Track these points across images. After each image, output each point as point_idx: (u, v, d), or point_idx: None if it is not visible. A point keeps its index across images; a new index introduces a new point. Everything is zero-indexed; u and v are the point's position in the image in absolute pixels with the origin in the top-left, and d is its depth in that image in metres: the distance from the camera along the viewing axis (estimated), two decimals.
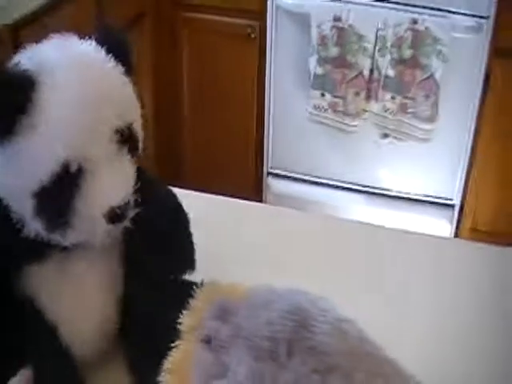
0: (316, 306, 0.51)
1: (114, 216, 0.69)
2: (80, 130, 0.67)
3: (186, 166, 2.59)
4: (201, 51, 2.45)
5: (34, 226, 0.69)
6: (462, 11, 2.17)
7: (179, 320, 0.54)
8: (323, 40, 2.25)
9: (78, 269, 0.76)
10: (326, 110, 2.31)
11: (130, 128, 0.73)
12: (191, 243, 0.84)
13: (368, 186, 2.45)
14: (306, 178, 2.50)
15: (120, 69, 0.74)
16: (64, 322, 0.76)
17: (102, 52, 0.73)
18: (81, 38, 0.75)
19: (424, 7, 2.19)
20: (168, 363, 0.52)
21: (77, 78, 0.68)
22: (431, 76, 2.20)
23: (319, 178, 2.49)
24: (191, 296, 0.59)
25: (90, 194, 0.68)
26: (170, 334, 0.59)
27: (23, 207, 0.68)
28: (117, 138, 0.70)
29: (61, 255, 0.74)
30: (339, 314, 0.53)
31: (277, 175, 2.52)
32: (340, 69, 2.26)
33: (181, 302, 0.64)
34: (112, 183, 0.69)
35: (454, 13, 2.18)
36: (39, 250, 0.73)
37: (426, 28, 2.17)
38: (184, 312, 0.53)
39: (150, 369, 0.59)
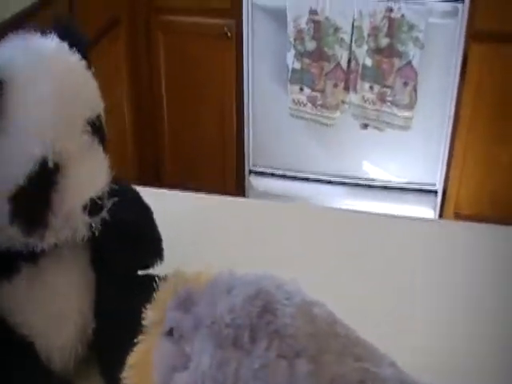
0: (282, 289, 0.50)
1: (95, 207, 0.67)
2: (53, 125, 0.65)
3: (165, 168, 2.57)
4: (177, 53, 2.44)
5: (10, 233, 0.66)
6: None
7: (143, 315, 0.52)
8: (300, 34, 2.24)
9: (50, 277, 0.74)
10: (305, 105, 2.30)
11: (99, 118, 0.72)
12: (157, 233, 0.82)
13: (351, 178, 2.45)
14: (289, 173, 2.49)
15: (83, 62, 0.73)
16: (41, 335, 0.73)
17: (65, 46, 0.72)
18: (41, 35, 0.73)
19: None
20: (130, 358, 0.50)
21: (44, 74, 0.67)
22: (409, 63, 2.19)
23: (302, 172, 2.48)
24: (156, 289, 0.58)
25: (69, 188, 0.66)
26: (135, 330, 0.58)
27: None
28: (89, 130, 0.69)
29: (30, 266, 0.72)
30: (307, 297, 0.51)
31: (259, 173, 2.50)
32: (318, 62, 2.25)
33: (148, 297, 0.62)
34: (90, 174, 0.67)
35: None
36: (8, 264, 0.70)
37: (402, 15, 2.16)
38: (148, 306, 0.51)
39: (117, 367, 0.58)
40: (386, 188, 2.43)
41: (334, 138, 2.39)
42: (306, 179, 2.48)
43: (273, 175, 2.49)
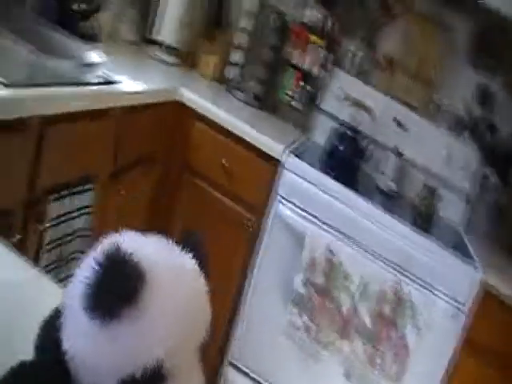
0: None
1: None
2: (179, 336, 0.69)
3: None
4: (197, 218, 2.45)
5: None
6: (444, 293, 2.24)
7: None
8: (312, 264, 2.28)
9: None
10: (298, 329, 2.34)
11: (205, 340, 0.78)
12: None
13: None
14: (263, 382, 2.54)
15: (207, 287, 0.77)
16: None
17: (196, 266, 0.76)
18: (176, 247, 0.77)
19: (411, 279, 2.24)
20: None
21: (179, 284, 0.70)
22: (403, 338, 2.24)
23: None
24: None
25: None
26: None
27: None
28: (199, 349, 0.76)
29: None
30: None
31: (236, 368, 2.53)
32: (321, 297, 2.29)
33: None
34: None
35: (436, 291, 2.23)
36: None
37: (408, 294, 2.24)
38: None
39: None
40: None
41: (317, 373, 2.40)
42: None
43: (249, 376, 2.56)
